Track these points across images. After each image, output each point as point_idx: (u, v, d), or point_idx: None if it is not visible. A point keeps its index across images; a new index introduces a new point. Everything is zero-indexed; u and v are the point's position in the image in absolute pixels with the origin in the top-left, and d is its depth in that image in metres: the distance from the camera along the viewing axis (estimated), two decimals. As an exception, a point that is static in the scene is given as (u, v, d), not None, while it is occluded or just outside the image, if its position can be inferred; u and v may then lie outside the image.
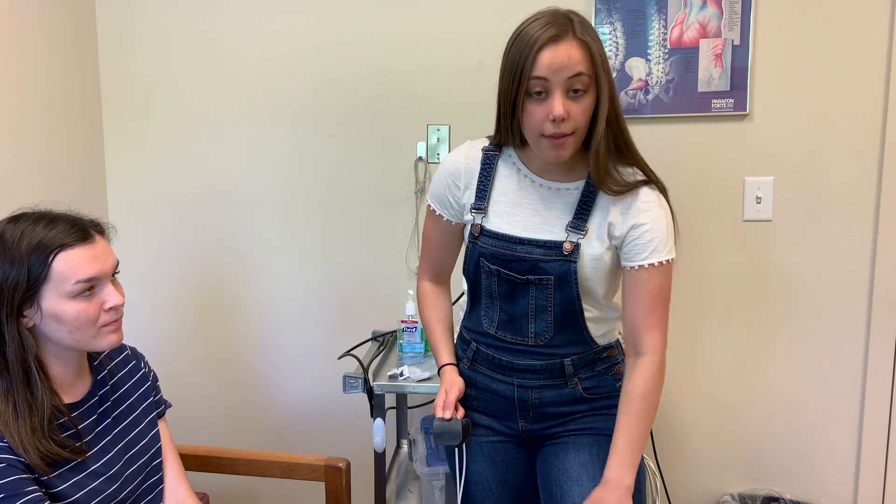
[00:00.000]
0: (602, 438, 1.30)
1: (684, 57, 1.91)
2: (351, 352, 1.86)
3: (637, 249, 1.23)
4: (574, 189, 1.26)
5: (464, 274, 1.37)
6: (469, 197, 1.33)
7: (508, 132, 1.25)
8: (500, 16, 1.96)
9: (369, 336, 2.06)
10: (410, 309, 1.90)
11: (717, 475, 2.07)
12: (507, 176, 1.31)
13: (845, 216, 1.92)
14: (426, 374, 1.74)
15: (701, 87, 1.91)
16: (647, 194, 1.23)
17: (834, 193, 1.92)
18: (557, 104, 1.14)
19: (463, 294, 1.58)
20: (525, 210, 1.28)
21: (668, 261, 1.23)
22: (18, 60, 1.84)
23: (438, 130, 2.06)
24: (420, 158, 2.08)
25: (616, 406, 1.28)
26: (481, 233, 1.30)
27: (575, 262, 1.23)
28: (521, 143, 1.28)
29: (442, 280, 1.47)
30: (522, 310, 1.29)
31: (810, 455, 2.02)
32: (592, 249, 1.24)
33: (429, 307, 1.44)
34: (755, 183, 1.94)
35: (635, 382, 1.24)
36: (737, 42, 1.89)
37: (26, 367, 1.10)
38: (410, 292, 1.93)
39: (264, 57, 2.10)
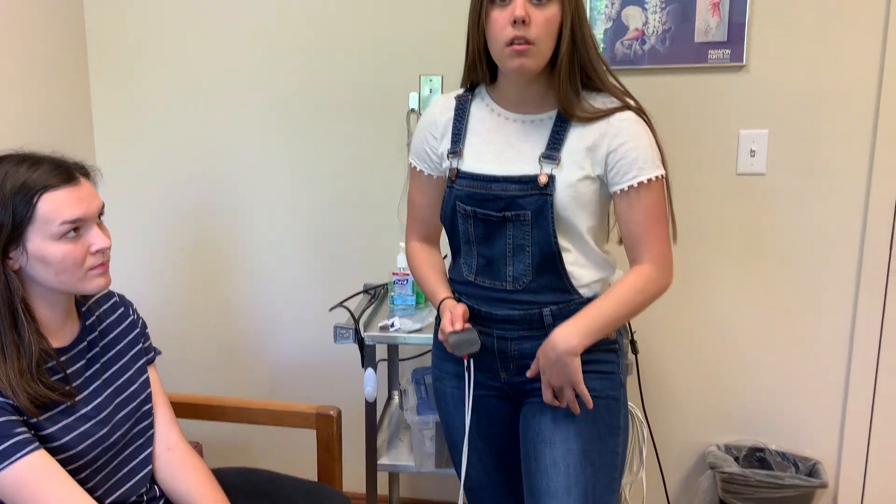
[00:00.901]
0: (579, 399, 1.27)
1: (681, 6, 1.87)
2: (343, 303, 1.87)
3: (622, 171, 1.22)
4: (547, 119, 1.25)
5: (441, 221, 1.36)
6: (446, 144, 1.32)
7: (476, 64, 1.26)
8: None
9: (361, 289, 2.06)
10: (402, 261, 1.90)
11: (704, 426, 2.10)
12: (480, 117, 1.30)
13: (839, 170, 1.91)
14: (417, 326, 1.74)
15: (698, 38, 1.88)
16: (621, 115, 1.21)
17: (828, 147, 1.91)
18: (519, 4, 1.14)
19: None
20: (499, 147, 1.27)
21: (656, 177, 1.22)
22: (2, 9, 1.79)
23: (431, 81, 2.03)
24: (412, 110, 2.05)
25: (601, 363, 1.28)
26: (457, 176, 1.29)
27: (551, 196, 1.21)
28: (491, 80, 1.29)
29: (431, 241, 1.46)
30: (500, 251, 1.27)
31: (796, 407, 2.05)
32: (567, 177, 1.22)
33: (419, 261, 1.42)
34: (749, 136, 1.93)
35: (623, 278, 1.25)
36: (735, -9, 1.85)
37: (13, 310, 1.09)
38: (402, 244, 1.92)
39: (250, 4, 2.06)
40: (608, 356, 1.30)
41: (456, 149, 1.30)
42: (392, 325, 1.75)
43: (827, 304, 1.98)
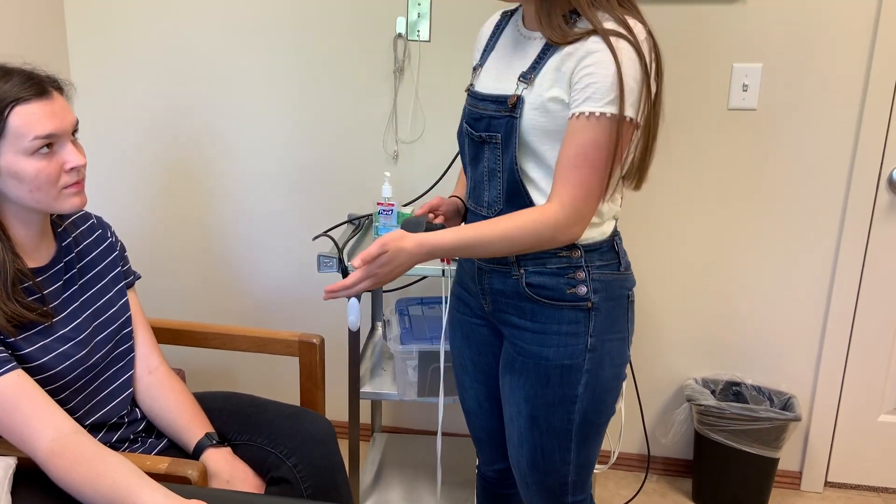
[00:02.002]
0: (531, 363, 1.23)
1: (680, -69, 1.81)
2: (327, 233, 1.85)
3: (574, 96, 1.11)
4: (542, 38, 1.17)
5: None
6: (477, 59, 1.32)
7: None
8: None
9: (345, 219, 2.04)
10: (387, 192, 1.87)
11: (682, 360, 2.13)
12: (508, 33, 1.27)
13: (830, 107, 1.89)
14: (401, 256, 1.74)
15: (695, -34, 1.82)
16: (596, 38, 1.09)
17: (821, 83, 1.88)
18: None
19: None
20: (503, 63, 1.23)
21: (605, 114, 1.08)
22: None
23: (419, 5, 1.96)
24: (399, 35, 1.99)
25: (560, 324, 1.21)
26: (468, 93, 1.28)
27: (517, 119, 1.15)
28: None
29: None
30: (480, 174, 1.24)
31: (774, 342, 2.08)
32: (534, 98, 1.15)
33: (459, 179, 1.43)
34: (743, 69, 1.89)
35: (522, 211, 1.13)
36: (736, -84, 1.78)
37: None
38: (387, 174, 1.90)
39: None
40: (574, 315, 1.21)
41: (477, 65, 1.29)
42: (376, 255, 1.74)
43: (810, 242, 1.99)
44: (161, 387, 1.31)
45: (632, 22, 1.11)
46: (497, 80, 1.22)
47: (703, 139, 1.96)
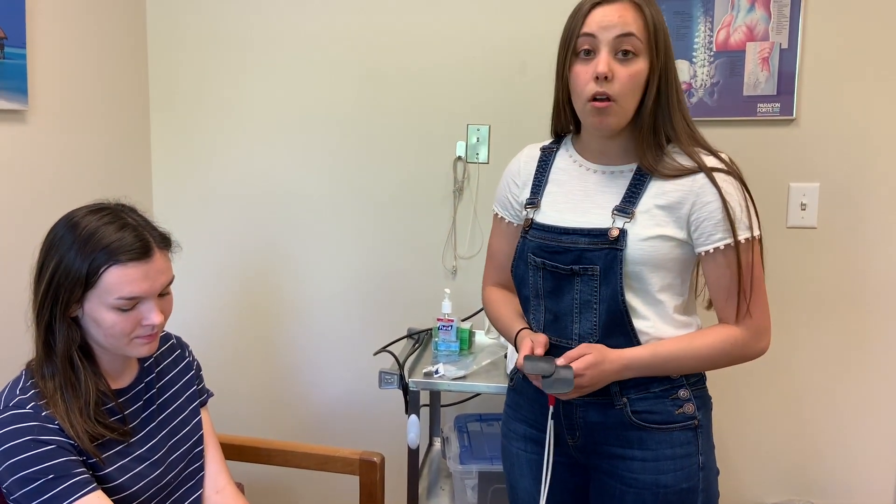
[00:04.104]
0: (647, 493, 1.20)
1: (730, 60, 1.89)
2: (387, 348, 1.88)
3: (707, 232, 1.16)
4: (627, 171, 1.20)
5: (511, 273, 1.32)
6: (526, 194, 1.30)
7: (561, 113, 1.24)
8: (544, 16, 1.96)
9: (405, 333, 2.07)
10: (446, 307, 1.91)
11: (755, 485, 2.04)
12: (562, 168, 1.28)
13: (891, 224, 1.88)
14: (461, 373, 1.74)
15: (746, 91, 1.89)
16: (704, 177, 1.16)
17: (880, 201, 1.88)
18: (602, 60, 1.12)
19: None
20: (576, 197, 1.23)
21: (745, 239, 1.16)
22: (68, 58, 1.89)
23: (478, 130, 2.07)
24: (459, 158, 2.09)
25: (674, 447, 1.20)
26: (531, 226, 1.26)
27: (621, 251, 1.16)
28: (577, 129, 1.27)
29: (508, 288, 1.40)
30: (567, 307, 1.21)
31: (850, 466, 1.98)
32: (640, 232, 1.16)
33: (496, 301, 1.39)
34: (800, 189, 1.91)
35: (712, 331, 1.20)
36: (784, 46, 1.86)
37: (70, 356, 1.13)
38: (447, 290, 1.94)
39: (307, 55, 2.13)
40: (684, 436, 1.21)
41: (534, 200, 1.28)
42: (436, 372, 1.75)
43: (882, 359, 1.93)
44: (228, 507, 1.32)
45: (722, 155, 1.20)
46: (577, 213, 1.22)
47: (763, 257, 1.95)
